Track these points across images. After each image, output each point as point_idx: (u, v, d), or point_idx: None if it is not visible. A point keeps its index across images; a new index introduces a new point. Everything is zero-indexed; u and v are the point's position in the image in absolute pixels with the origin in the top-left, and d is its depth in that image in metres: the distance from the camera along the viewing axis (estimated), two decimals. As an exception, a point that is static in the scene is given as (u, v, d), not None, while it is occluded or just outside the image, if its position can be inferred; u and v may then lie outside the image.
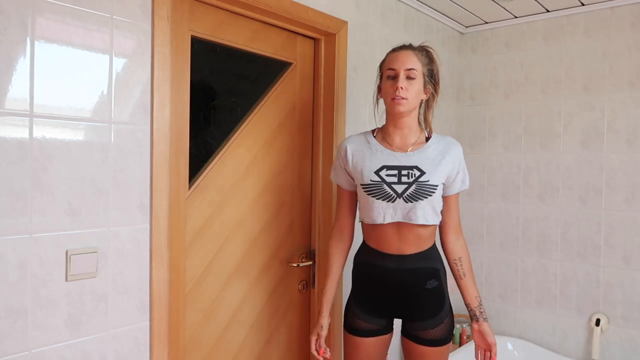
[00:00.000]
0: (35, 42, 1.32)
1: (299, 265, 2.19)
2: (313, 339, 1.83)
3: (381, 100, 1.81)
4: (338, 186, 1.88)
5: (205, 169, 1.87)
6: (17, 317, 1.31)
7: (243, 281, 2.01)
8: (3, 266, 1.28)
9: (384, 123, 1.82)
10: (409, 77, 1.68)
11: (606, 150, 2.69)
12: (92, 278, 1.46)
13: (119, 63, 1.50)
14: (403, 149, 1.74)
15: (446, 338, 1.76)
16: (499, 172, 3.07)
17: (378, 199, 1.69)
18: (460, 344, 3.00)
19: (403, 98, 1.66)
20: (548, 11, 2.83)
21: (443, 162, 1.72)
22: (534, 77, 2.93)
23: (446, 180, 1.75)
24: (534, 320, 2.93)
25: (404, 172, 1.69)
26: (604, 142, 2.70)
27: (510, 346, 2.92)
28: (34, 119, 1.32)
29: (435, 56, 1.79)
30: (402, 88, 1.66)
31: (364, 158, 1.74)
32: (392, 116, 1.75)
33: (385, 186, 1.68)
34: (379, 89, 1.81)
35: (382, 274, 1.74)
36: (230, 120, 1.97)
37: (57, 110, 1.37)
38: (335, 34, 2.22)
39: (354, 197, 1.85)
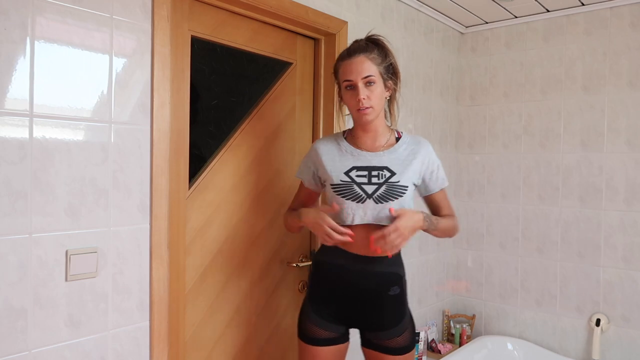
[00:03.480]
0: (35, 42, 1.32)
1: (298, 265, 2.19)
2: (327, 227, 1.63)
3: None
4: (301, 182, 1.87)
5: (205, 169, 1.87)
6: (17, 317, 1.31)
7: (243, 281, 2.01)
8: (3, 266, 1.28)
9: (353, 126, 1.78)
10: (368, 83, 1.63)
11: (606, 150, 2.69)
12: (92, 278, 1.46)
13: (119, 63, 1.50)
14: (373, 150, 1.72)
15: (410, 345, 1.73)
16: (499, 172, 3.07)
17: (348, 199, 1.66)
18: (460, 344, 3.00)
19: (368, 107, 1.63)
20: (548, 11, 2.83)
21: (414, 162, 1.70)
22: (534, 77, 2.93)
23: (421, 180, 1.73)
24: (534, 320, 2.93)
25: (374, 172, 1.67)
26: (604, 142, 2.70)
27: (510, 346, 2.92)
28: (34, 119, 1.32)
29: (387, 46, 1.70)
30: (364, 99, 1.62)
31: (334, 159, 1.73)
32: (360, 123, 1.72)
33: (355, 186, 1.66)
34: (340, 97, 1.76)
35: (344, 276, 1.69)
36: (230, 120, 1.97)
37: (57, 110, 1.37)
38: (335, 34, 2.22)
39: (311, 195, 1.87)
